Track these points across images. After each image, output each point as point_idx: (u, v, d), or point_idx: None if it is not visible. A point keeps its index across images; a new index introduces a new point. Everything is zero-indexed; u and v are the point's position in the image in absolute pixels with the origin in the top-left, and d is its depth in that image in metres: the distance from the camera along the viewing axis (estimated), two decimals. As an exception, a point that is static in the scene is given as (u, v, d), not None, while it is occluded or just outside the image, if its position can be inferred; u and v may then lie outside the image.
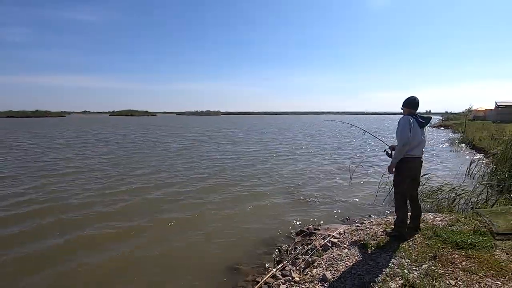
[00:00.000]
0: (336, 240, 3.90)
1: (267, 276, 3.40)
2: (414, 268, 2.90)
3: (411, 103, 3.55)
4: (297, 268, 3.42)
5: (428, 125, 4.00)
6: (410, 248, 3.32)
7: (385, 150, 3.94)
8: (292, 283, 3.04)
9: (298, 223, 5.49)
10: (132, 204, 6.56)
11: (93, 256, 4.31)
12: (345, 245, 3.67)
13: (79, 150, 15.30)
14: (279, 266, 3.63)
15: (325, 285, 2.83)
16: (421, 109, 3.65)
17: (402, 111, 3.66)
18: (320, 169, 10.51)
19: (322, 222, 5.44)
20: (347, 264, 3.16)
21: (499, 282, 2.61)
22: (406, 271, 2.83)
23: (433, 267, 2.89)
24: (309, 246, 3.99)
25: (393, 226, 3.83)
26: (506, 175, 6.42)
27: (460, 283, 2.63)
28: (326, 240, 3.94)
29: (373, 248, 3.44)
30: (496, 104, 34.85)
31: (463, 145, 16.98)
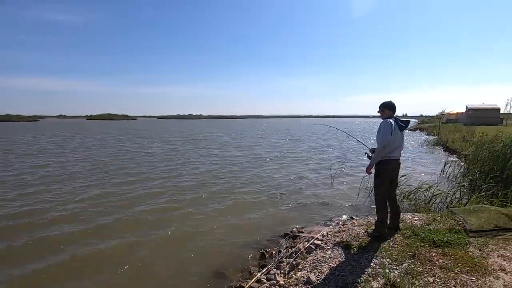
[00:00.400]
0: (319, 242, 3.95)
1: (252, 281, 3.37)
2: (395, 267, 2.98)
3: (391, 106, 3.66)
4: (282, 271, 3.42)
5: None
6: (390, 248, 3.41)
7: (366, 153, 4.04)
8: (277, 286, 3.03)
9: (282, 226, 5.50)
10: (116, 211, 6.33)
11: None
12: (329, 247, 3.72)
13: (55, 156, 14.62)
14: (264, 270, 3.61)
15: (310, 287, 2.85)
16: (398, 112, 3.79)
17: (379, 114, 3.76)
18: (303, 172, 10.63)
19: (305, 224, 5.49)
20: (330, 265, 3.20)
21: (473, 278, 2.73)
22: (387, 271, 2.91)
23: (412, 266, 2.98)
24: (293, 249, 4.01)
25: (374, 227, 3.93)
26: (477, 175, 6.76)
27: (438, 280, 2.73)
28: (310, 243, 3.97)
29: (355, 249, 3.50)
30: (466, 107, 36.82)
31: (437, 147, 17.77)
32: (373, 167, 3.64)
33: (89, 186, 8.45)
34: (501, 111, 34.30)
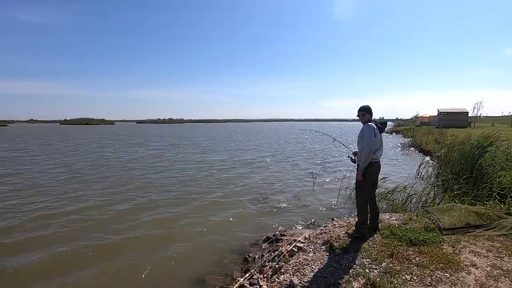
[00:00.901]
0: (302, 245, 3.97)
1: (234, 287, 3.34)
2: (375, 267, 3.05)
3: (370, 110, 3.77)
4: (265, 276, 3.41)
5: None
6: (370, 248, 3.49)
7: (349, 156, 4.13)
8: (260, 291, 3.01)
9: (264, 230, 5.50)
10: (94, 215, 6.07)
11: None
12: (311, 249, 3.75)
13: (25, 165, 13.84)
14: (247, 275, 3.59)
15: (293, 290, 2.86)
16: (375, 116, 3.91)
17: (358, 118, 3.86)
18: (285, 176, 10.72)
19: (288, 227, 5.52)
20: (312, 268, 3.23)
21: (447, 274, 2.85)
22: (367, 270, 2.97)
23: (391, 265, 3.07)
24: (276, 253, 4.01)
25: (354, 228, 4.01)
26: (449, 176, 7.10)
27: (415, 277, 2.82)
28: (292, 246, 3.99)
29: (336, 250, 3.56)
30: (438, 111, 38.76)
31: (412, 148, 18.54)
32: (356, 170, 3.71)
33: (66, 195, 8.06)
34: (469, 115, 36.36)
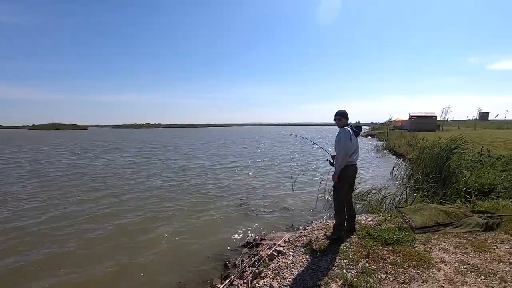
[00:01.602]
0: (281, 249, 3.99)
1: (214, 294, 3.29)
2: (352, 267, 3.13)
3: (346, 115, 3.89)
4: (245, 281, 3.39)
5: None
6: (347, 249, 3.58)
7: (327, 159, 4.22)
8: (240, 297, 2.99)
9: (245, 235, 5.48)
10: (68, 222, 5.75)
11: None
12: (290, 252, 3.78)
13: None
14: (227, 281, 3.55)
15: (273, 295, 2.86)
16: (351, 119, 4.03)
17: (335, 122, 3.97)
18: (264, 180, 10.76)
19: (268, 231, 5.53)
20: (292, 271, 3.25)
21: (419, 271, 2.98)
22: (344, 271, 3.04)
23: (367, 265, 3.16)
24: (256, 257, 4.00)
25: (332, 230, 4.10)
26: (420, 177, 7.47)
27: (390, 276, 2.92)
28: (272, 250, 4.00)
29: (315, 252, 3.61)
30: (409, 115, 40.65)
31: (386, 151, 19.29)
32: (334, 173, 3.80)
33: (37, 206, 7.59)
34: (438, 118, 38.45)
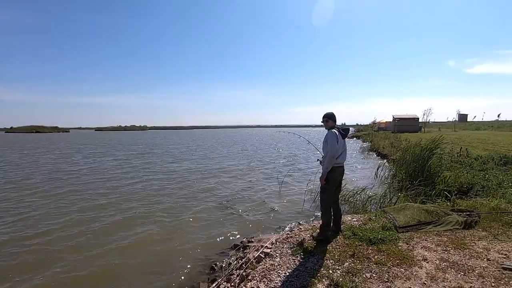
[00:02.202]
0: (269, 250, 3.99)
1: (201, 298, 3.25)
2: (338, 268, 3.17)
3: (333, 117, 3.94)
4: (232, 284, 3.37)
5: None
6: (333, 249, 3.63)
7: (318, 159, 4.26)
8: (227, 300, 2.97)
9: (232, 237, 5.46)
10: (49, 227, 5.54)
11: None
12: (277, 254, 3.78)
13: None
14: (214, 284, 3.52)
15: (260, 297, 2.86)
16: (338, 121, 4.06)
17: (322, 123, 4.01)
18: (252, 182, 10.76)
19: (255, 234, 5.52)
20: (279, 273, 3.26)
21: (402, 269, 3.06)
22: (330, 271, 3.08)
23: (352, 264, 3.21)
24: (243, 260, 3.98)
25: (318, 231, 4.13)
26: (403, 177, 7.67)
27: (374, 275, 2.98)
28: (259, 252, 4.00)
29: (302, 253, 3.63)
30: (393, 117, 41.72)
31: (371, 152, 19.71)
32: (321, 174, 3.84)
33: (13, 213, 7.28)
34: (420, 120, 39.66)
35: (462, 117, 57.19)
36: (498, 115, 58.98)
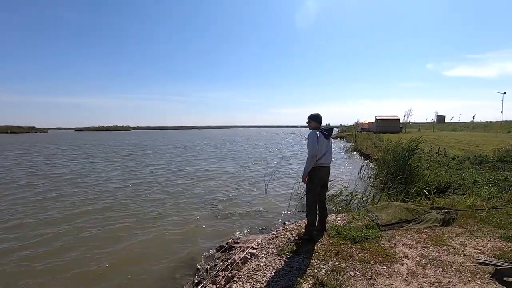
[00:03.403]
0: (254, 251, 3.99)
1: (186, 301, 3.20)
2: (322, 266, 3.21)
3: (317, 118, 3.98)
4: (218, 286, 3.34)
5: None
6: (318, 249, 3.67)
7: None
8: (212, 303, 2.93)
9: (218, 239, 5.41)
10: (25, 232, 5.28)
11: None
12: (263, 255, 3.78)
13: None
14: (199, 287, 3.48)
15: (245, 298, 2.84)
16: (323, 121, 4.11)
17: (308, 124, 4.06)
18: (237, 183, 10.72)
19: (241, 235, 5.51)
20: (265, 273, 3.26)
21: (384, 267, 3.13)
22: (316, 270, 3.11)
23: (337, 263, 3.26)
24: (228, 261, 3.96)
25: (304, 230, 4.17)
26: (385, 176, 7.88)
27: (358, 273, 3.04)
28: (245, 253, 3.98)
29: (287, 253, 3.65)
30: (375, 118, 42.81)
31: (355, 153, 20.13)
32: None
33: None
34: (401, 121, 40.91)
35: (440, 118, 59.50)
36: (473, 117, 61.95)
